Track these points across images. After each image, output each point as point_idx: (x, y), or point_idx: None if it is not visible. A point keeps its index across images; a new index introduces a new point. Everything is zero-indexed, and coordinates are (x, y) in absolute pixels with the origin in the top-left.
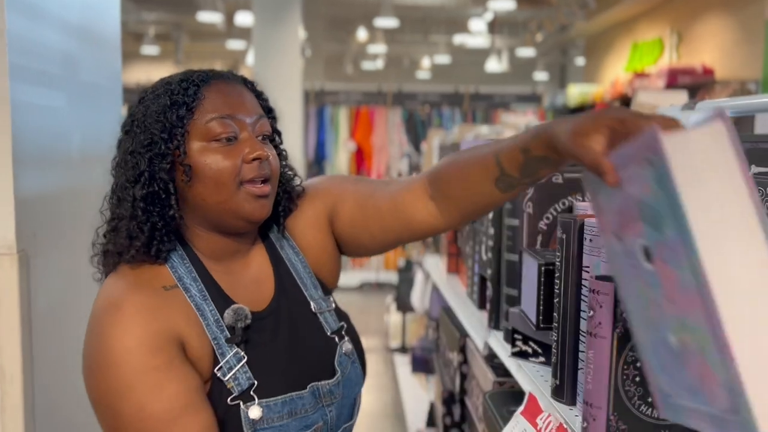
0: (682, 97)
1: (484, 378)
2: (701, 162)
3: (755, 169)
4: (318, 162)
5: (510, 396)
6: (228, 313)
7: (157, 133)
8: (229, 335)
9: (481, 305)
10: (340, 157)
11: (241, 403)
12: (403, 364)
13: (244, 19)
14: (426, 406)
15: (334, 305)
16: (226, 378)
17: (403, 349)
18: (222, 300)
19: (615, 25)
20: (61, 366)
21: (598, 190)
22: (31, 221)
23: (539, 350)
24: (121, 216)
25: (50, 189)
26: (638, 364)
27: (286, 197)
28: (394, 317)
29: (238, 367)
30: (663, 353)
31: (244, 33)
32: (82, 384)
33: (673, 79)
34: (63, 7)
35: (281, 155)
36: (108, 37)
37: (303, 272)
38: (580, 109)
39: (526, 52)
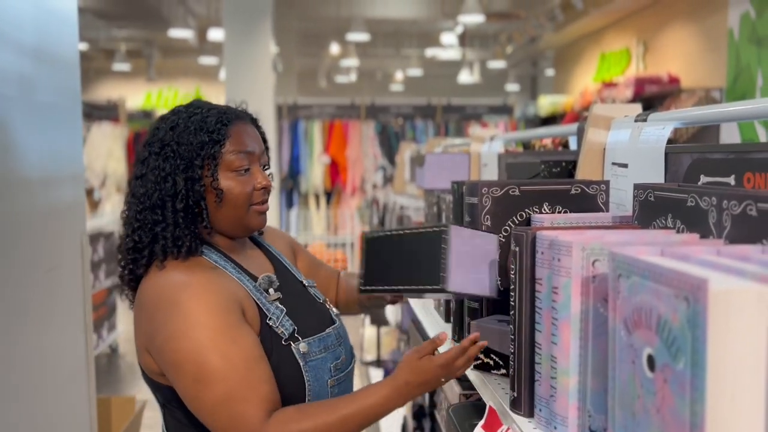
0: (636, 108)
1: (450, 391)
2: (738, 326)
3: (704, 179)
4: (293, 176)
5: (474, 409)
6: (263, 279)
7: (196, 161)
8: (266, 296)
9: (447, 318)
10: (315, 171)
11: (291, 343)
12: (378, 377)
13: (215, 35)
14: (401, 420)
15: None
16: (276, 325)
17: (378, 363)
18: (248, 274)
19: (583, 37)
20: (9, 390)
21: (626, 275)
22: None
23: (501, 362)
24: (159, 221)
25: (6, 211)
26: None
27: None
28: (369, 331)
29: (282, 317)
30: None
31: (216, 49)
32: (35, 406)
33: (641, 89)
34: (17, 28)
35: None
36: (65, 57)
37: (287, 262)
38: (551, 119)
39: (497, 64)
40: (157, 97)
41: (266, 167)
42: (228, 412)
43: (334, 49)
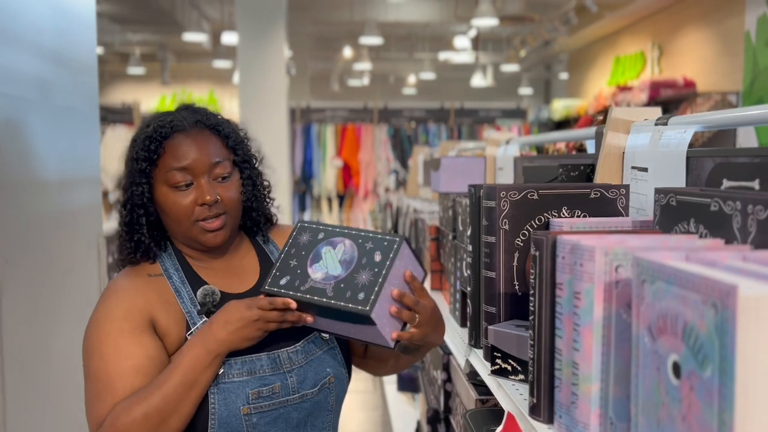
0: (656, 112)
1: (467, 396)
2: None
3: (727, 183)
4: (305, 180)
5: (491, 415)
6: (199, 292)
7: (130, 179)
8: (198, 308)
9: (464, 322)
10: (328, 175)
11: None
12: (391, 382)
13: (229, 38)
14: (414, 425)
15: None
16: None
17: None
18: (199, 284)
19: (597, 40)
20: (35, 393)
21: (651, 281)
22: (3, 248)
23: (519, 368)
24: (119, 231)
25: (24, 214)
26: None
27: (262, 213)
28: None
29: None
30: None
31: (230, 52)
32: (55, 410)
33: (656, 92)
34: (37, 32)
35: (254, 181)
36: (84, 61)
37: None
38: (565, 122)
39: (511, 67)
40: (172, 100)
41: (226, 178)
42: (89, 406)
43: (347, 52)
